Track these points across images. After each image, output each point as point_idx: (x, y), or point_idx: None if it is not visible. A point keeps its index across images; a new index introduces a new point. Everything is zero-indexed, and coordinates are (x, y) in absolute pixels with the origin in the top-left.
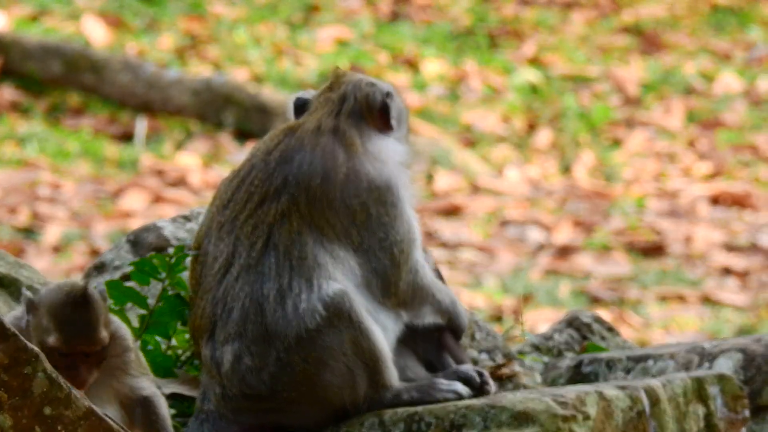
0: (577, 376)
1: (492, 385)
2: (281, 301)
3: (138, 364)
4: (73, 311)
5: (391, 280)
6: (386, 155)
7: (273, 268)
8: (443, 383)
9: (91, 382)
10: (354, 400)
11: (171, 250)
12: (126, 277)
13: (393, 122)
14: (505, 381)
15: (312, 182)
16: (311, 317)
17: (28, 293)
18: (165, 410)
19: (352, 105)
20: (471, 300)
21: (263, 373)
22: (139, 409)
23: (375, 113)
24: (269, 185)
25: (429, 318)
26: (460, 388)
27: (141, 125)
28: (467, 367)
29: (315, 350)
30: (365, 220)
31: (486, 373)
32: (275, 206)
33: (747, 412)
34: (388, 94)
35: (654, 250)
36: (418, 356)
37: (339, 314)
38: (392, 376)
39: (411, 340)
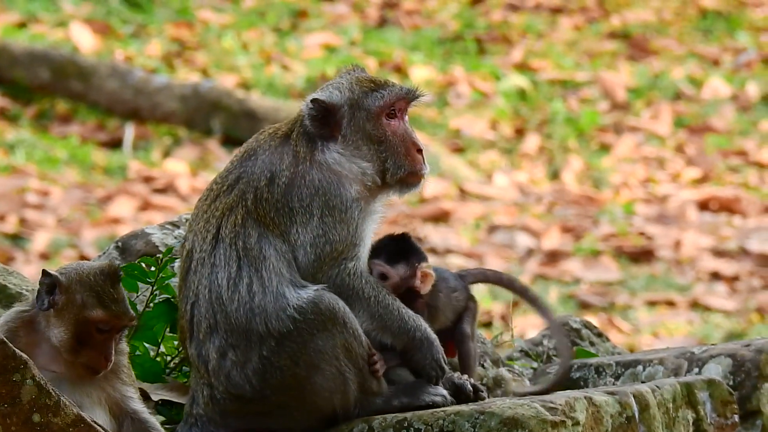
0: (566, 381)
1: (480, 390)
2: (235, 288)
3: (129, 372)
4: (112, 287)
5: (309, 272)
6: (336, 166)
7: (222, 259)
8: (430, 386)
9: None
10: (345, 405)
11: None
12: None
13: (304, 128)
14: (493, 388)
15: (259, 182)
16: (278, 318)
17: (54, 273)
18: (160, 428)
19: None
20: None
21: (246, 369)
22: (129, 422)
23: (308, 125)
24: (225, 182)
25: (366, 325)
26: (446, 392)
27: (129, 132)
28: (458, 374)
29: (305, 351)
30: (307, 221)
31: (478, 384)
32: (225, 201)
33: (736, 417)
34: (312, 106)
35: (643, 256)
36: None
37: (333, 318)
38: (381, 381)
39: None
